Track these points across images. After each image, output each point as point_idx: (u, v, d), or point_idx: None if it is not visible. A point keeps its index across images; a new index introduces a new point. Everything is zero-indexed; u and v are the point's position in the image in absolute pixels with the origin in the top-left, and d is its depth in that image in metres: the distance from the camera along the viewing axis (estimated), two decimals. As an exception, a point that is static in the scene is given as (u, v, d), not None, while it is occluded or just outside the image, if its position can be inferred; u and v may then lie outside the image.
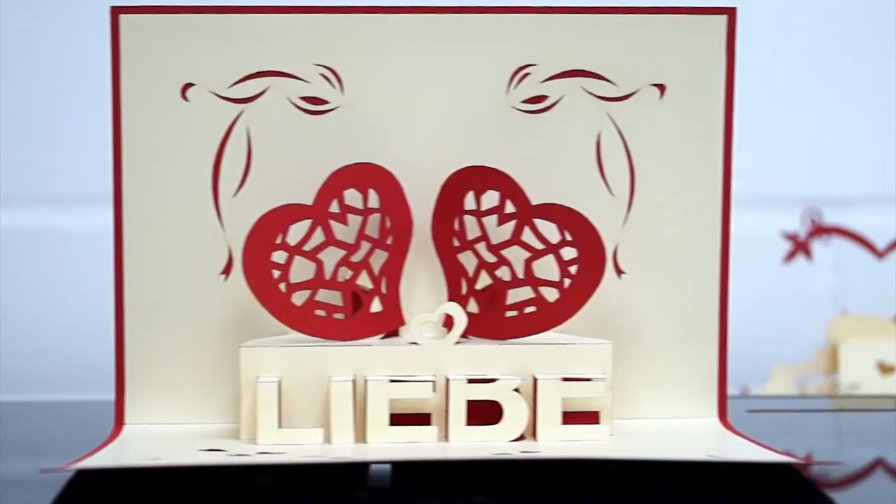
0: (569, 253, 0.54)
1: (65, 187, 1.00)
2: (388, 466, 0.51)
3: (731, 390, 0.95)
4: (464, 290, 0.56)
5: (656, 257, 0.58)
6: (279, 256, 0.54)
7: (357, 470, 0.50)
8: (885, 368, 0.87)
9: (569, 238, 0.54)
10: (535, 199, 0.55)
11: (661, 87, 0.57)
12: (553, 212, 0.54)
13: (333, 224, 0.55)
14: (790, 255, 0.91)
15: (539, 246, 0.55)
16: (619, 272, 0.58)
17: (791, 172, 1.02)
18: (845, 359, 0.86)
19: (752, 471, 0.51)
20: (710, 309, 0.58)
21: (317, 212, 0.54)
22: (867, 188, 1.03)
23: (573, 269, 0.54)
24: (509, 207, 0.55)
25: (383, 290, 0.55)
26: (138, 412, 0.57)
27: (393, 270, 0.55)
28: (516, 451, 0.51)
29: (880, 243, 0.92)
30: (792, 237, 0.91)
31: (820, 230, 0.91)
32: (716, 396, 0.58)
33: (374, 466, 0.51)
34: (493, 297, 0.55)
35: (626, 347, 0.57)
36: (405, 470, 0.50)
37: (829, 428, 0.63)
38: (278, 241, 0.54)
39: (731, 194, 0.58)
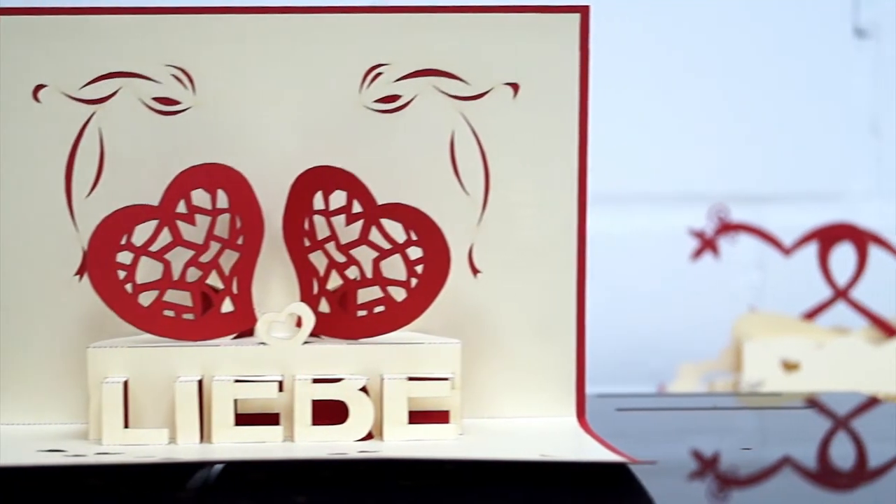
0: (415, 252, 0.54)
1: None
2: (221, 466, 0.51)
3: (648, 388, 0.96)
4: (315, 289, 0.56)
5: (512, 256, 0.58)
6: (125, 257, 0.54)
7: (188, 470, 0.50)
8: (788, 366, 0.87)
9: (414, 237, 0.54)
10: (390, 198, 0.55)
11: (515, 87, 0.57)
12: (398, 211, 0.54)
13: (181, 225, 0.55)
14: (697, 253, 0.91)
15: (386, 245, 0.55)
16: (475, 271, 0.58)
17: (712, 170, 1.02)
18: (749, 356, 0.86)
19: (592, 470, 0.51)
20: (567, 307, 0.58)
21: (163, 212, 0.55)
22: (786, 185, 1.03)
23: (419, 269, 0.54)
24: (356, 207, 0.55)
25: (234, 290, 0.55)
26: (-11, 413, 0.57)
27: (244, 270, 0.55)
28: (354, 450, 0.51)
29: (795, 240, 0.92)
30: (699, 234, 0.91)
31: (727, 227, 0.91)
32: (574, 395, 0.58)
33: (208, 466, 0.51)
34: (343, 297, 0.55)
35: (484, 346, 0.58)
36: (235, 470, 0.50)
37: (705, 426, 0.64)
38: (123, 241, 0.54)
39: (587, 192, 0.58)
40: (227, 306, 0.55)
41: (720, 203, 0.91)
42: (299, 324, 0.55)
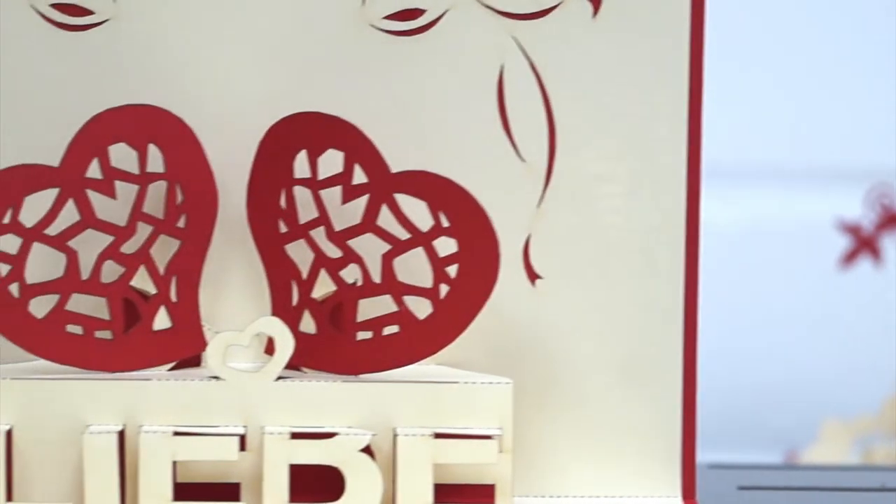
0: (446, 245, 0.56)
1: None
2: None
3: (771, 455, 0.97)
4: (294, 298, 0.57)
5: (589, 255, 0.59)
6: (8, 243, 0.55)
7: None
8: None
9: (445, 224, 0.56)
10: (408, 164, 0.56)
11: (596, 0, 0.58)
12: (422, 183, 0.56)
13: (93, 196, 0.56)
14: (850, 256, 0.93)
15: (403, 234, 0.56)
16: (533, 277, 0.59)
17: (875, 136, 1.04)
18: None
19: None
20: (670, 333, 0.59)
21: (67, 176, 0.56)
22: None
23: (452, 270, 0.56)
24: (359, 176, 0.56)
25: (173, 296, 0.56)
26: None
27: (188, 267, 0.57)
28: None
29: None
30: (852, 229, 0.92)
31: (894, 219, 0.92)
32: (679, 465, 0.59)
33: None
34: (337, 311, 0.57)
35: (544, 390, 0.59)
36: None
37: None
38: (6, 219, 0.55)
39: (701, 163, 0.59)
40: (161, 321, 0.56)
41: (884, 182, 0.92)
42: (270, 350, 0.56)
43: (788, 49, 1.04)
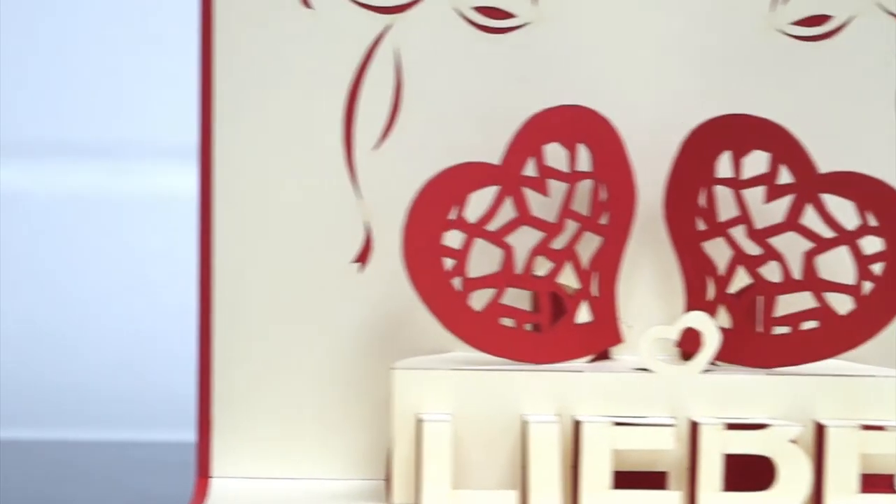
0: (872, 244, 0.57)
1: (133, 134, 0.95)
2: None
3: None
4: (710, 294, 0.59)
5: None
6: (454, 239, 0.57)
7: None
8: None
9: (873, 223, 0.57)
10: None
11: None
12: (851, 184, 0.57)
13: (528, 194, 0.58)
14: None
15: (827, 233, 0.57)
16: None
17: None
18: None
19: None
20: None
21: (507, 174, 0.57)
22: None
23: (877, 269, 0.57)
24: (785, 177, 0.58)
25: (594, 291, 0.58)
26: (230, 460, 0.60)
27: (608, 263, 0.58)
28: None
29: None
30: None
31: None
32: None
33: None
34: (753, 306, 0.58)
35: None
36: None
37: None
38: (453, 216, 0.57)
39: None
40: (583, 315, 0.58)
41: None
42: (685, 343, 0.57)
43: None
